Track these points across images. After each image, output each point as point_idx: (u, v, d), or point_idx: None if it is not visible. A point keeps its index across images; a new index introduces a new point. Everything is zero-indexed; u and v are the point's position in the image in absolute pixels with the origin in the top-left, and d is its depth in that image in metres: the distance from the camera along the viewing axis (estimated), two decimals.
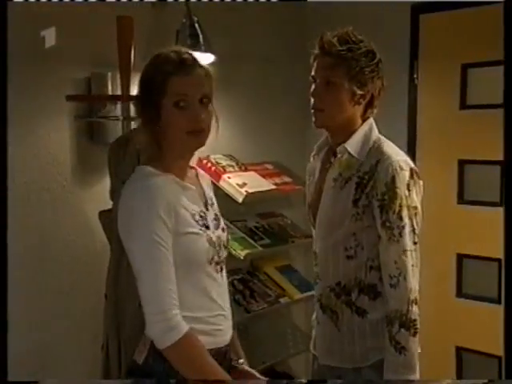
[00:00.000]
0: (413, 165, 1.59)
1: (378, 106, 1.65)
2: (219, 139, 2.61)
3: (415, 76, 2.63)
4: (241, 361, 1.52)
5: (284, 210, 2.88)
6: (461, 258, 2.61)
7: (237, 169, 2.62)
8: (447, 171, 2.59)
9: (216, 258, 1.41)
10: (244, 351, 2.69)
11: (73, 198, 2.19)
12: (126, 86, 2.09)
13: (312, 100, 1.61)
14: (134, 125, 2.13)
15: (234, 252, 2.50)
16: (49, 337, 2.12)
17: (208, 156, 2.58)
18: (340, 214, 1.59)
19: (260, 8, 2.68)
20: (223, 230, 1.49)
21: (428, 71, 2.61)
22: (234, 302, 2.58)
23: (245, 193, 2.47)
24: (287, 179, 2.75)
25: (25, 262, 2.06)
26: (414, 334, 1.53)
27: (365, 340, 1.61)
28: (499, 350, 2.16)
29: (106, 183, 2.12)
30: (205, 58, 2.32)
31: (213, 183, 2.48)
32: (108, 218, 2.04)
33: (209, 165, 2.55)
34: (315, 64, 1.61)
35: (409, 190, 1.54)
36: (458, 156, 2.58)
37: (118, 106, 2.20)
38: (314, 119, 1.62)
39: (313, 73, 1.62)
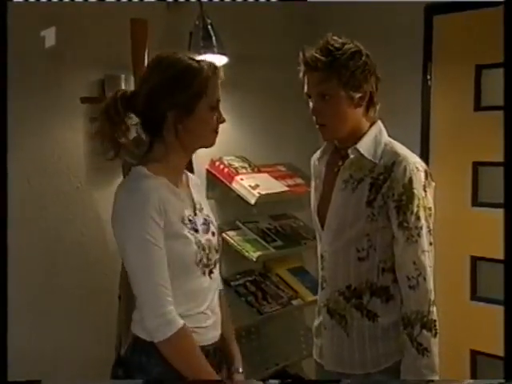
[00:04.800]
0: (426, 166, 1.60)
1: (379, 102, 1.64)
2: (232, 141, 2.66)
3: (429, 77, 2.61)
4: (240, 370, 1.57)
5: (296, 212, 2.88)
6: (475, 260, 2.58)
7: (249, 170, 2.63)
8: (461, 173, 2.57)
9: (205, 260, 1.46)
10: (256, 353, 2.70)
11: (87, 199, 2.20)
12: None
13: (314, 117, 1.60)
14: None
15: (246, 254, 2.51)
16: (59, 337, 2.13)
17: (221, 157, 2.59)
18: (352, 215, 1.58)
19: (272, 10, 2.69)
20: (213, 234, 1.53)
21: (442, 72, 2.59)
22: (247, 303, 2.58)
23: (257, 194, 2.47)
24: (300, 181, 2.74)
25: (40, 263, 2.08)
26: (435, 335, 1.53)
27: (376, 345, 1.60)
28: None
29: None
30: (218, 60, 2.33)
31: (225, 185, 2.54)
32: None
33: (221, 166, 2.55)
34: (305, 80, 1.59)
35: (425, 191, 1.55)
36: (472, 158, 2.55)
37: None
38: (321, 134, 1.62)
39: (306, 89, 1.60)
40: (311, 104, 1.60)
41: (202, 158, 2.50)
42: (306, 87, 1.59)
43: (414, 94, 2.62)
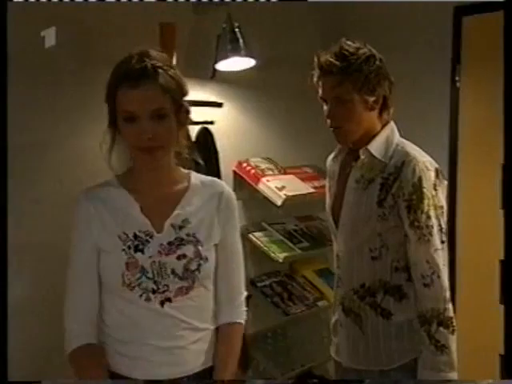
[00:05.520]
0: (437, 165, 1.60)
1: (392, 106, 1.65)
2: (259, 142, 2.68)
3: (457, 79, 2.59)
4: None
5: (322, 213, 2.87)
6: (504, 263, 2.55)
7: (276, 172, 2.64)
8: (490, 175, 2.55)
9: (151, 285, 1.29)
10: (282, 353, 2.71)
11: None
12: None
13: (328, 121, 1.62)
14: None
15: (272, 255, 2.53)
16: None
17: (247, 159, 2.61)
18: (364, 214, 1.60)
19: (300, 12, 2.70)
20: (180, 257, 1.31)
21: (470, 74, 2.57)
22: (272, 304, 2.60)
23: (284, 196, 2.48)
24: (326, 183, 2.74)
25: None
26: (453, 332, 1.53)
27: (390, 342, 1.61)
28: None
29: None
30: (245, 63, 2.35)
31: (251, 186, 2.55)
32: None
33: (248, 168, 2.58)
34: (320, 84, 1.61)
35: (435, 190, 1.56)
36: (501, 160, 2.52)
37: None
38: (335, 137, 1.64)
39: (320, 94, 1.62)
40: (325, 108, 1.63)
41: (229, 159, 2.53)
42: (320, 91, 1.62)
43: (442, 95, 2.61)
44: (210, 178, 1.46)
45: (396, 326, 1.60)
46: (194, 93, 2.33)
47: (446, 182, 1.62)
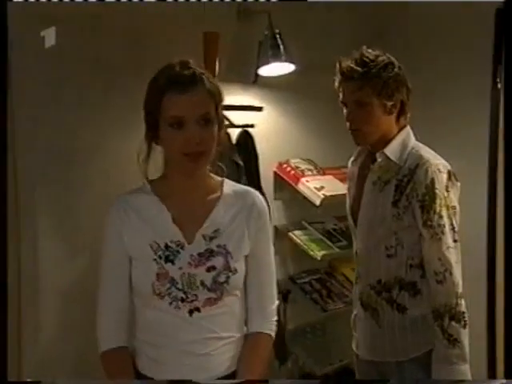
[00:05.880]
0: (450, 167, 1.66)
1: (410, 111, 1.73)
2: (299, 144, 2.74)
3: (498, 80, 2.58)
4: None
5: None
6: None
7: (315, 172, 2.71)
8: None
9: (180, 295, 1.30)
10: (321, 348, 2.77)
11: None
12: None
13: (348, 123, 1.70)
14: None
15: (311, 253, 2.60)
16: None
17: (287, 160, 2.69)
18: (380, 214, 1.68)
19: (340, 18, 2.75)
20: (210, 269, 1.32)
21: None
22: (311, 300, 2.68)
23: (322, 196, 2.55)
24: None
25: None
26: (465, 326, 1.59)
27: (405, 335, 1.68)
28: None
29: None
30: (285, 68, 2.43)
31: (291, 186, 2.63)
32: None
33: (288, 169, 2.66)
34: (341, 89, 1.70)
35: (447, 191, 1.62)
36: None
37: None
38: (353, 138, 1.72)
39: (341, 98, 1.71)
40: (345, 111, 1.71)
41: (269, 160, 2.62)
42: (341, 95, 1.72)
43: (482, 96, 2.61)
44: (243, 187, 1.45)
45: (411, 320, 1.68)
46: (238, 97, 2.45)
47: (458, 184, 1.68)
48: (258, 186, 2.37)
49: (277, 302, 1.47)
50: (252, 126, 2.41)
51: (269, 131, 2.62)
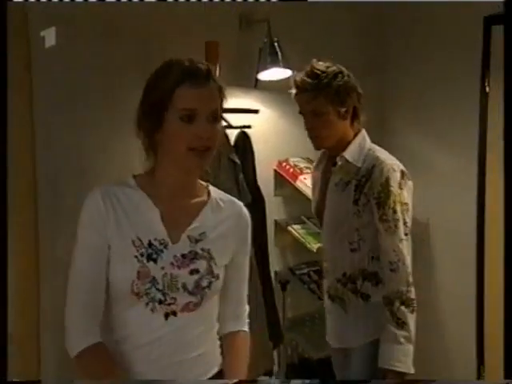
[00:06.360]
0: (403, 167, 1.80)
1: (363, 115, 1.87)
2: (298, 143, 2.90)
3: (486, 84, 2.71)
4: None
5: None
6: None
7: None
8: None
9: (159, 296, 1.24)
10: (320, 336, 2.92)
11: None
12: None
13: (307, 131, 1.85)
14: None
15: (308, 245, 2.77)
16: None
17: (287, 158, 2.86)
18: (343, 213, 1.83)
19: (341, 24, 2.90)
20: (193, 272, 1.27)
21: (500, 81, 2.67)
22: (309, 290, 2.84)
23: None
24: None
25: None
26: (412, 311, 1.74)
27: (368, 320, 1.84)
28: None
29: None
30: (283, 73, 2.60)
31: (290, 183, 2.79)
32: None
33: (287, 167, 2.83)
34: (298, 101, 1.84)
35: (401, 189, 1.77)
36: None
37: None
38: (313, 144, 1.88)
39: (299, 109, 1.86)
40: (304, 121, 1.86)
41: (270, 159, 2.80)
42: (299, 107, 1.86)
43: (471, 101, 2.73)
44: (228, 196, 1.42)
45: (373, 306, 1.83)
46: (239, 100, 2.62)
47: (410, 183, 1.82)
48: (254, 182, 2.54)
49: (248, 307, 1.48)
50: (249, 126, 2.55)
51: (269, 131, 2.80)
